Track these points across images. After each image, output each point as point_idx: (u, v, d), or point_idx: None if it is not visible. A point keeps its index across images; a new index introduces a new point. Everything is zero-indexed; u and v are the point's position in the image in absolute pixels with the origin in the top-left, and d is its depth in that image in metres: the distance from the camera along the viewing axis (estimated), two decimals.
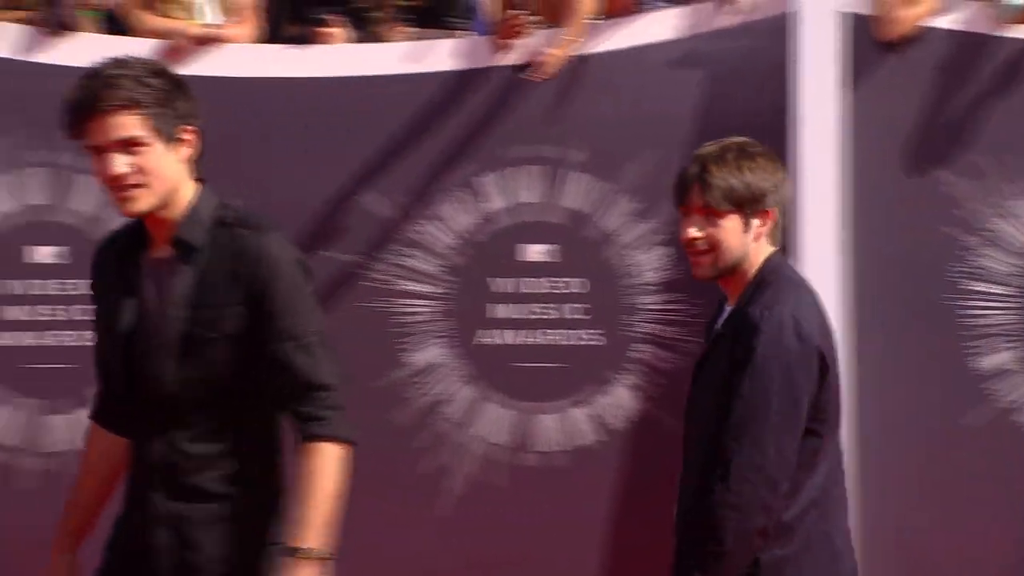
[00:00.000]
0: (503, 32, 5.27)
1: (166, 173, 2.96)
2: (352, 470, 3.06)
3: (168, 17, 5.49)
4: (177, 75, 3.04)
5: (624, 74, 5.25)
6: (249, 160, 5.22)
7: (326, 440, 2.98)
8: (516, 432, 5.20)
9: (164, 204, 2.99)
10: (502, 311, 5.24)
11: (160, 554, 3.02)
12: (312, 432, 2.98)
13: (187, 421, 3.00)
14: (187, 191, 3.03)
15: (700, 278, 3.25)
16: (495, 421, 5.19)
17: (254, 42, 5.50)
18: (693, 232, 3.17)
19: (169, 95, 2.95)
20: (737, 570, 3.05)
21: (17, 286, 5.24)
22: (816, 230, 4.97)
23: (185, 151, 3.00)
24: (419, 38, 5.51)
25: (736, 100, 5.16)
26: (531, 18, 5.20)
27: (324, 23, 5.41)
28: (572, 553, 5.11)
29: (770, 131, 4.95)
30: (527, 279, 5.24)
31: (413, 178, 5.24)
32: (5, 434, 5.19)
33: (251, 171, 5.18)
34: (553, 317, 5.23)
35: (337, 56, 5.41)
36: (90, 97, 2.89)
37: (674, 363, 5.16)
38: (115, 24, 5.62)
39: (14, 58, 5.28)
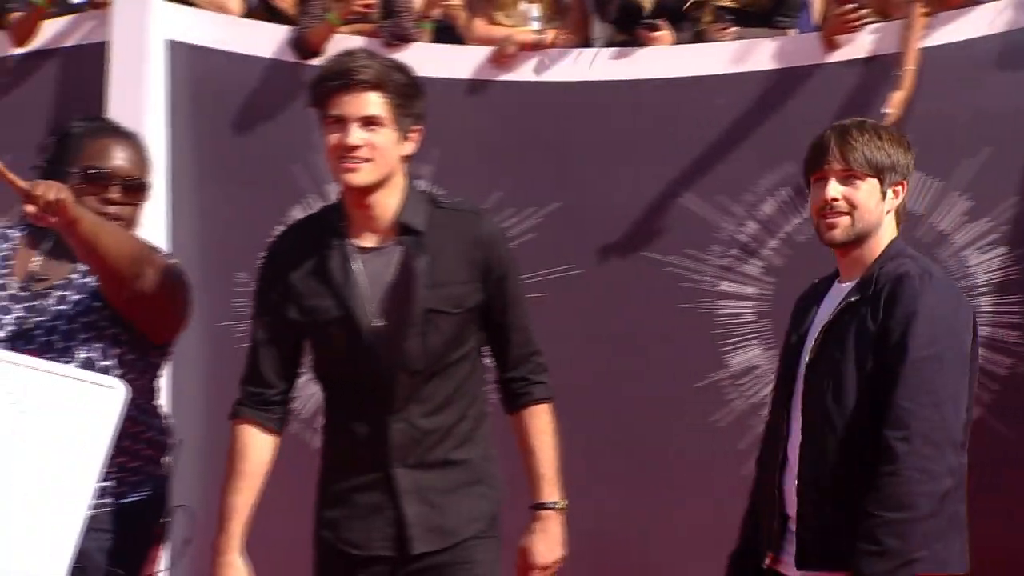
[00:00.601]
0: (833, 28, 5.19)
1: (390, 157, 3.15)
2: (679, 471, 3.15)
3: (498, 24, 5.65)
4: (418, 78, 3.23)
5: (956, 68, 5.11)
6: (573, 161, 5.33)
7: (548, 401, 3.31)
8: None
9: (379, 187, 3.16)
10: None
11: (414, 524, 3.16)
12: (538, 395, 3.30)
13: (422, 396, 3.16)
14: (400, 181, 3.21)
15: (830, 242, 3.20)
16: None
17: (580, 46, 5.60)
18: (833, 192, 3.16)
19: (411, 92, 3.17)
20: (927, 536, 2.97)
21: None
22: None
23: (409, 146, 3.19)
24: (743, 37, 5.47)
25: None
26: (862, 12, 5.11)
27: (652, 27, 5.43)
28: None
29: None
30: None
31: (735, 179, 5.22)
32: None
33: (576, 172, 5.31)
34: None
35: (663, 57, 5.44)
36: (347, 72, 3.11)
37: (1010, 368, 4.97)
38: (448, 33, 5.80)
39: None
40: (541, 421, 3.30)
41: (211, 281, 5.46)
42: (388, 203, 3.19)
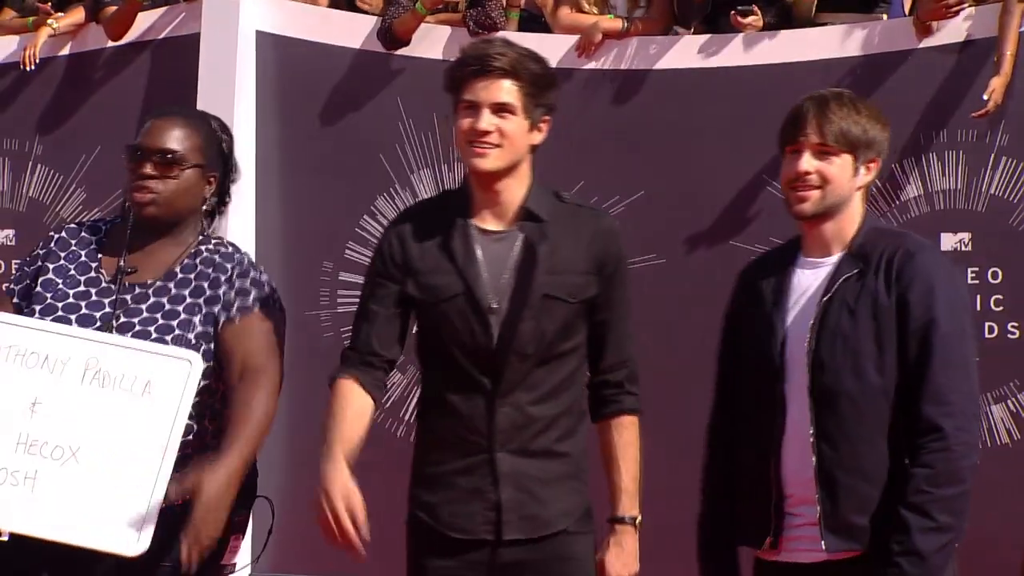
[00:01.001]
0: (928, 13, 5.11)
1: (519, 144, 3.18)
2: None
3: (584, 13, 5.64)
4: (552, 69, 3.27)
5: None
6: (659, 150, 5.32)
7: (637, 413, 3.28)
8: None
9: (506, 174, 3.19)
10: None
11: (508, 509, 3.16)
12: (628, 405, 3.28)
13: (532, 382, 3.18)
14: (527, 172, 3.23)
15: (799, 214, 3.14)
16: None
17: (665, 34, 5.57)
18: (805, 165, 3.10)
19: (544, 82, 3.20)
20: (968, 507, 3.00)
21: None
22: None
23: (538, 136, 3.22)
24: (837, 23, 5.41)
25: None
26: None
27: (744, 12, 5.38)
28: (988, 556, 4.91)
29: None
30: None
31: None
32: None
33: (661, 161, 5.29)
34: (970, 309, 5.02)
35: (751, 45, 5.39)
36: (483, 58, 3.15)
37: None
38: (535, 22, 5.81)
39: (441, 59, 5.57)
40: (629, 433, 3.27)
41: (297, 270, 5.64)
42: (514, 191, 3.23)
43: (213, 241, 3.42)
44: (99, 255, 3.37)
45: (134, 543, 3.04)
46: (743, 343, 3.24)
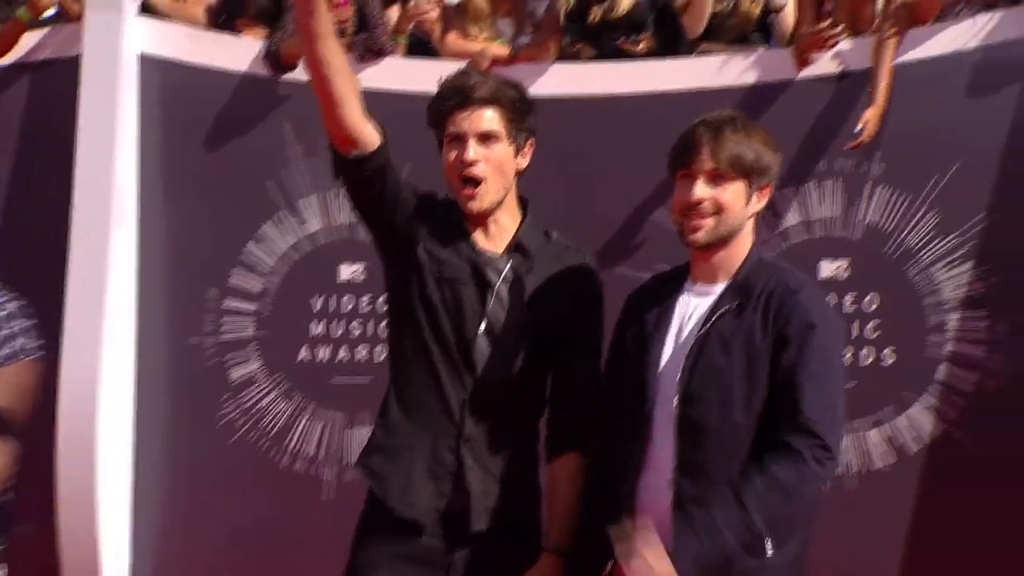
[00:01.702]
0: (806, 45, 5.20)
1: (507, 171, 3.27)
2: None
3: (472, 38, 5.66)
4: (528, 92, 3.34)
5: (928, 84, 5.12)
6: (545, 176, 5.30)
7: (584, 451, 3.27)
8: None
9: (497, 205, 3.27)
10: None
11: (476, 519, 3.22)
12: (576, 444, 3.28)
13: (507, 408, 3.24)
14: (515, 203, 3.33)
15: (692, 243, 3.11)
16: None
17: (552, 60, 5.60)
18: (699, 193, 3.06)
19: (524, 107, 3.30)
20: (788, 526, 2.98)
21: (328, 302, 5.54)
22: None
23: (523, 161, 3.32)
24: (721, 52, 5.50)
25: None
26: (836, 30, 5.12)
27: (626, 40, 5.47)
28: None
29: None
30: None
31: None
32: (309, 445, 5.44)
33: (547, 187, 5.25)
34: (846, 335, 5.10)
35: (637, 72, 5.45)
36: (463, 89, 3.22)
37: (976, 384, 4.99)
38: (423, 48, 5.82)
39: None
40: (576, 468, 3.28)
41: (181, 297, 5.57)
42: (506, 218, 3.32)
43: None
44: None
45: None
46: (622, 367, 3.21)
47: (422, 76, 5.42)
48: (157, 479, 5.46)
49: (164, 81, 5.63)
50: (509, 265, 3.27)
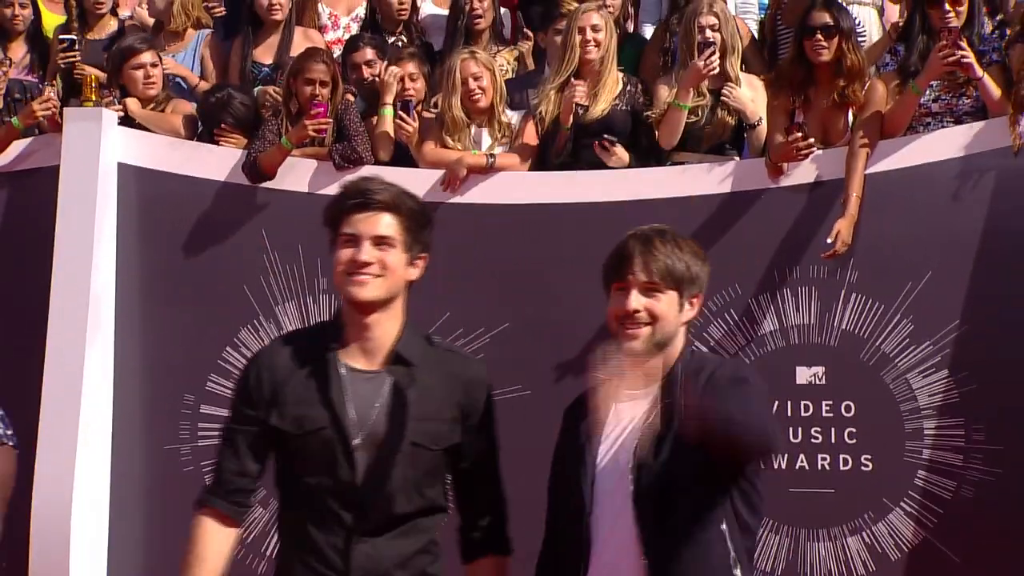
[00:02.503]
0: (780, 155, 5.32)
1: (398, 276, 3.26)
2: None
3: (448, 147, 5.76)
4: (428, 208, 3.37)
5: (900, 194, 5.24)
6: (522, 282, 5.42)
7: (505, 555, 3.34)
8: (789, 559, 5.14)
9: (382, 307, 3.25)
10: None
11: None
12: (492, 549, 3.34)
13: (390, 522, 3.22)
14: (399, 311, 3.30)
15: (630, 352, 3.17)
16: (767, 549, 5.14)
17: (528, 169, 5.71)
18: (635, 304, 3.17)
19: (421, 219, 3.30)
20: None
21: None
22: None
23: (415, 272, 3.30)
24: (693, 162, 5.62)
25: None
26: (810, 140, 5.24)
27: (610, 142, 5.58)
28: None
29: None
30: (801, 401, 5.22)
31: None
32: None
33: (525, 293, 5.38)
34: (824, 442, 5.23)
35: (611, 181, 5.56)
36: (365, 192, 3.25)
37: (953, 491, 5.07)
38: (400, 156, 5.89)
39: (307, 192, 5.74)
40: (490, 571, 3.34)
41: (158, 403, 5.62)
42: (386, 328, 3.28)
43: None
44: None
45: None
46: (561, 480, 3.29)
47: (399, 184, 5.61)
48: None
49: (143, 189, 5.75)
50: (389, 383, 3.26)
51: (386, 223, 3.24)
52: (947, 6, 5.31)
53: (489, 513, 3.36)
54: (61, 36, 6.47)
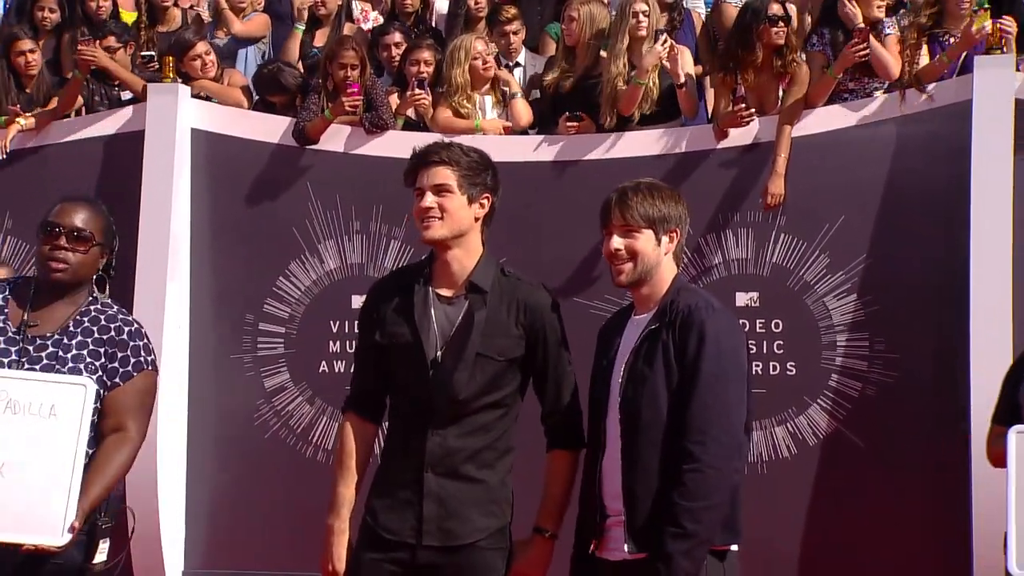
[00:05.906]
0: (725, 122, 6.23)
1: (459, 216, 3.63)
2: None
3: (458, 113, 6.59)
4: (491, 161, 3.76)
5: (820, 153, 6.11)
6: (523, 226, 6.15)
7: (569, 448, 3.73)
8: None
9: (453, 245, 3.62)
10: None
11: (428, 520, 3.60)
12: (560, 443, 3.73)
13: (460, 421, 3.62)
14: (476, 245, 3.67)
15: (619, 284, 3.57)
16: None
17: (526, 133, 6.59)
18: (616, 244, 3.54)
19: (479, 167, 3.69)
20: (719, 520, 3.39)
21: (344, 326, 6.27)
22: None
23: (479, 210, 3.67)
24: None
25: (917, 174, 6.02)
26: (750, 111, 6.15)
27: (573, 118, 6.43)
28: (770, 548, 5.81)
29: (944, 200, 5.88)
30: (740, 320, 5.74)
31: None
32: (328, 440, 6.05)
33: (520, 234, 6.12)
34: (758, 352, 6.04)
35: (593, 143, 6.41)
36: (425, 153, 3.70)
37: (859, 391, 5.97)
38: (414, 125, 6.72)
39: (343, 152, 6.55)
40: (560, 464, 3.70)
41: (225, 322, 6.45)
42: (463, 262, 3.63)
43: (101, 302, 3.72)
44: (5, 311, 3.69)
45: (59, 536, 3.42)
46: (592, 385, 3.68)
47: (416, 144, 6.38)
48: (208, 461, 6.32)
49: (211, 150, 6.50)
50: (465, 306, 3.59)
51: (442, 174, 3.59)
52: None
53: (559, 412, 3.68)
54: (143, 54, 7.19)
